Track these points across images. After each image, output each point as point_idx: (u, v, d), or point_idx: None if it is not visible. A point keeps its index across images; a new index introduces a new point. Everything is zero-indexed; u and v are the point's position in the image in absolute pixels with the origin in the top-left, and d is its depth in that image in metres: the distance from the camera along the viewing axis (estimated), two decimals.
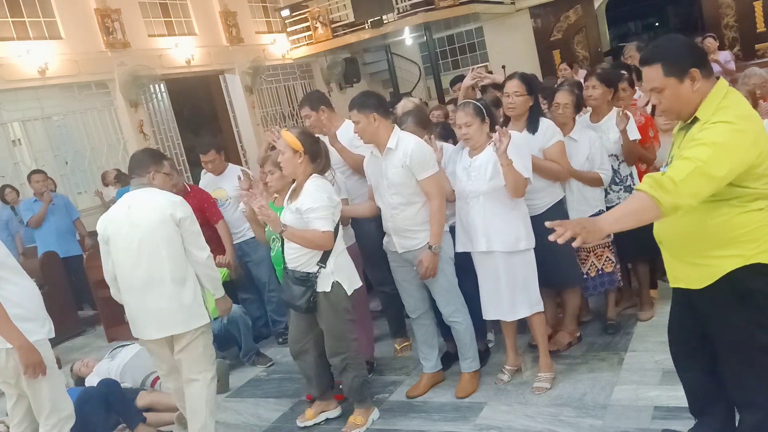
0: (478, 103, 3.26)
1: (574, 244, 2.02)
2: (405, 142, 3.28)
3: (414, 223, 3.32)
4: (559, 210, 3.53)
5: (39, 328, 2.94)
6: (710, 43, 7.63)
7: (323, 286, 3.15)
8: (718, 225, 2.11)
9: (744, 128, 2.01)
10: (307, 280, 3.14)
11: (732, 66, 7.68)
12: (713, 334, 2.29)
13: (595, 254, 3.71)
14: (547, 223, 2.06)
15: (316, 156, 3.19)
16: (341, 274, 3.20)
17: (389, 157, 3.30)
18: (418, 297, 3.53)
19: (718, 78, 2.19)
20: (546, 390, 3.33)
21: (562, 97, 3.67)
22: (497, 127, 3.17)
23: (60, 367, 4.64)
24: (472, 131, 3.22)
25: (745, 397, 2.26)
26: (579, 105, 3.74)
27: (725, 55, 7.73)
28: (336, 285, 3.17)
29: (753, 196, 2.08)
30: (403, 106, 4.57)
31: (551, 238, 2.01)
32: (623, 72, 4.41)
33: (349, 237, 3.76)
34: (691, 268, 2.21)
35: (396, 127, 3.39)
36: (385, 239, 3.53)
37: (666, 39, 2.24)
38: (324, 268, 3.13)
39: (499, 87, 4.67)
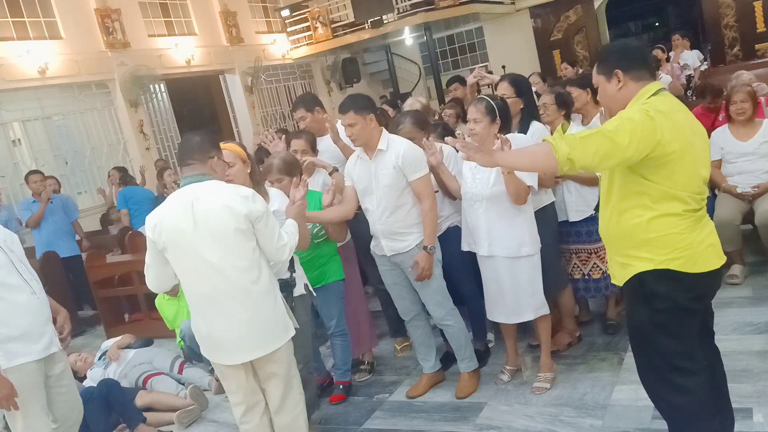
0: (491, 102, 3.19)
1: (463, 157, 2.37)
2: (396, 144, 3.26)
3: (404, 225, 3.29)
4: (543, 216, 3.48)
5: (27, 347, 2.77)
6: (657, 54, 7.98)
7: (299, 289, 3.04)
8: (634, 227, 2.18)
9: (654, 116, 2.07)
10: (287, 285, 2.95)
11: (675, 84, 7.73)
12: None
13: (597, 255, 3.69)
14: (448, 139, 2.46)
15: (253, 166, 3.10)
16: (304, 277, 3.16)
17: (380, 159, 3.26)
18: (409, 299, 3.50)
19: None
20: (546, 390, 3.33)
21: (542, 98, 3.72)
22: (499, 134, 3.11)
23: None
24: (479, 128, 3.18)
25: (654, 397, 2.36)
26: (566, 104, 3.72)
27: (665, 79, 7.68)
28: (306, 287, 3.14)
29: (661, 195, 2.13)
30: (411, 104, 4.57)
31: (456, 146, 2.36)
32: None
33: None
34: (616, 265, 2.32)
35: (384, 129, 3.35)
36: (373, 243, 3.46)
37: (614, 42, 2.43)
38: (295, 272, 3.02)
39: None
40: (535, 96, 3.80)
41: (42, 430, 2.88)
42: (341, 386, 3.71)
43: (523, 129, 3.48)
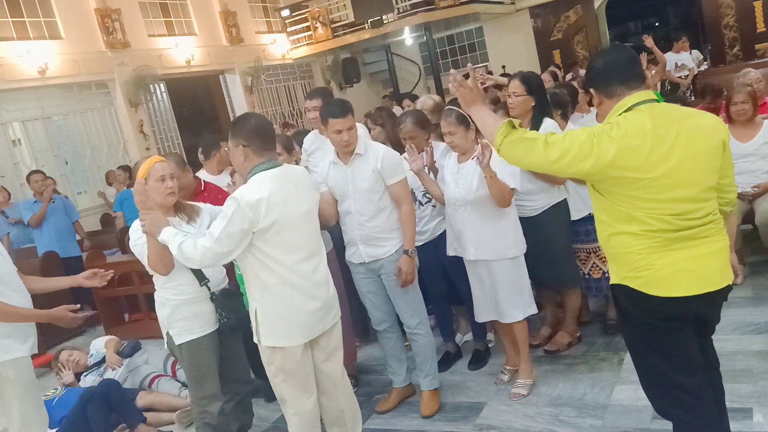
0: (461, 111, 3.16)
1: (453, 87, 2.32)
2: (374, 148, 3.22)
3: (383, 230, 3.23)
4: (556, 212, 3.50)
5: (18, 344, 2.90)
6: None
7: None
8: (604, 239, 2.19)
9: (602, 141, 2.01)
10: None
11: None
12: None
13: (597, 255, 3.69)
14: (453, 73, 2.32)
15: None
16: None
17: (357, 163, 3.19)
18: (384, 309, 3.41)
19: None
20: (523, 396, 3.31)
21: None
22: (479, 139, 3.10)
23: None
24: (456, 139, 3.20)
25: (656, 406, 2.29)
26: (561, 104, 3.72)
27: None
28: None
29: (617, 213, 2.09)
30: (423, 102, 4.56)
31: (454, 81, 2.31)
32: None
33: (326, 242, 3.67)
34: None
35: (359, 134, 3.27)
36: (349, 252, 3.36)
37: (599, 54, 2.30)
38: None
39: (500, 87, 4.69)
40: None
41: (38, 420, 2.99)
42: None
43: (535, 126, 3.44)
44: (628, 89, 2.11)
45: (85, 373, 4.33)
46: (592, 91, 2.22)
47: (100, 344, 4.51)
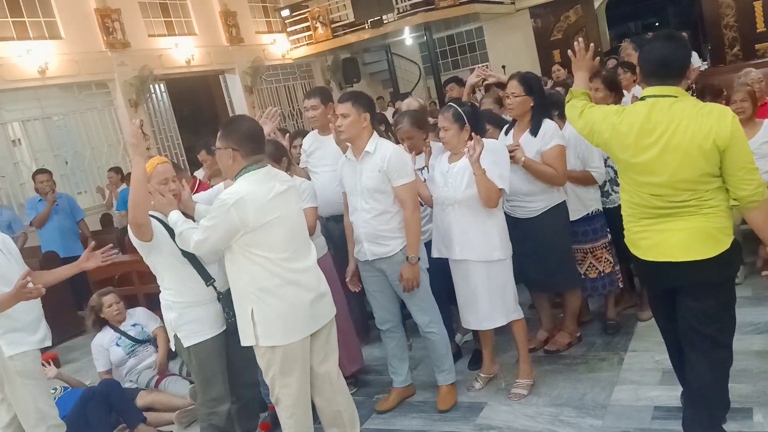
0: (459, 109, 3.18)
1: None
2: (383, 148, 3.19)
3: (388, 229, 3.22)
4: (556, 214, 3.48)
5: (27, 337, 2.96)
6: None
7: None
8: None
9: (604, 119, 2.46)
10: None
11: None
12: None
13: (593, 255, 3.69)
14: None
15: None
16: None
17: (366, 160, 3.19)
18: (389, 309, 3.42)
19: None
20: (523, 396, 3.31)
21: None
22: (472, 134, 3.10)
23: (58, 366, 4.65)
24: (449, 136, 3.19)
25: None
26: (556, 104, 3.69)
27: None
28: None
29: (621, 180, 2.53)
30: (408, 104, 4.56)
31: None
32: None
33: (321, 247, 3.58)
34: None
35: (375, 133, 3.27)
36: (356, 249, 3.37)
37: (656, 41, 2.44)
38: None
39: (503, 86, 4.68)
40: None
41: (51, 411, 3.09)
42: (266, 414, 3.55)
43: (535, 127, 3.43)
44: (657, 81, 2.37)
45: (117, 342, 4.27)
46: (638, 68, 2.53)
47: (148, 321, 4.44)
